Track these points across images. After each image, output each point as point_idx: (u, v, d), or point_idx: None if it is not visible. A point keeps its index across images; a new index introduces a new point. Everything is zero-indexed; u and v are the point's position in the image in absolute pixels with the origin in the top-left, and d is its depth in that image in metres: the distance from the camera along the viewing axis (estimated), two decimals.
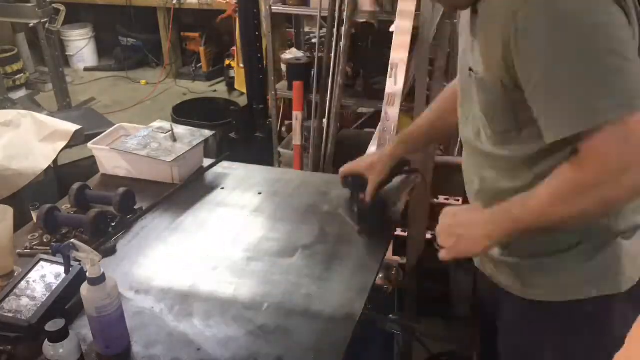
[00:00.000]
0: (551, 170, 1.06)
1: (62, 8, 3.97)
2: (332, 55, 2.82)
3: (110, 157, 1.85)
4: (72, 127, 2.42)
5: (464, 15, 1.24)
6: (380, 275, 2.07)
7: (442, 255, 1.20)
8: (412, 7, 2.25)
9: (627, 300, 1.21)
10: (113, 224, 1.60)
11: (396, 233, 2.10)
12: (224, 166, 1.92)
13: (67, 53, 5.70)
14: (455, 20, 2.20)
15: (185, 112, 3.98)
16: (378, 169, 1.56)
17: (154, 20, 5.39)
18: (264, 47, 3.26)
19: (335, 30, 2.77)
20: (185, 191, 1.78)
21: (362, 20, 2.87)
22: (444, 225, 1.21)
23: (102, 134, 1.92)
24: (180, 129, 1.90)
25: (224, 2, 4.67)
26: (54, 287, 1.28)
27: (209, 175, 1.88)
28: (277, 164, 3.24)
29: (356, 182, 1.59)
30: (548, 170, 1.08)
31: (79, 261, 1.25)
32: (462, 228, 1.18)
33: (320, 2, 2.79)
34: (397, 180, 1.64)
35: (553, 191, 1.04)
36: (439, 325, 1.97)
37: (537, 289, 1.25)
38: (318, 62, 2.93)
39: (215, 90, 5.28)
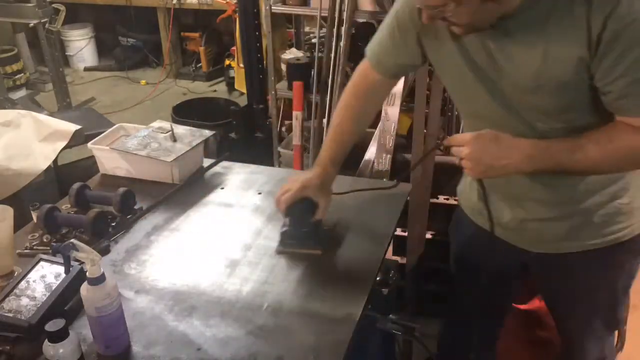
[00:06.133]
0: None
1: (62, 8, 3.97)
2: (332, 55, 2.81)
3: (110, 157, 1.86)
4: (72, 127, 2.42)
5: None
6: (380, 275, 2.07)
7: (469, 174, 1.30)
8: None
9: None
10: (113, 224, 1.60)
11: (396, 233, 2.09)
12: (224, 166, 1.92)
13: (67, 53, 5.70)
14: None
15: (185, 112, 3.98)
16: (327, 194, 1.50)
17: (154, 20, 5.39)
18: (264, 47, 3.26)
19: (335, 30, 2.77)
20: (185, 191, 1.78)
21: (362, 20, 2.88)
22: (475, 153, 1.23)
23: (102, 134, 1.92)
24: (180, 129, 1.90)
25: (224, 2, 4.67)
26: (54, 287, 1.28)
27: (209, 175, 1.88)
28: (277, 164, 3.24)
29: (306, 206, 1.47)
30: None
31: (79, 261, 1.25)
32: (495, 159, 1.22)
33: (320, 2, 2.79)
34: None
35: (606, 152, 1.20)
36: (439, 325, 1.97)
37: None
38: (318, 62, 2.93)
39: (215, 90, 5.27)
